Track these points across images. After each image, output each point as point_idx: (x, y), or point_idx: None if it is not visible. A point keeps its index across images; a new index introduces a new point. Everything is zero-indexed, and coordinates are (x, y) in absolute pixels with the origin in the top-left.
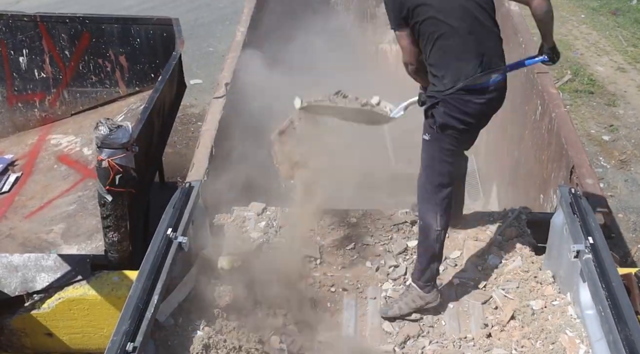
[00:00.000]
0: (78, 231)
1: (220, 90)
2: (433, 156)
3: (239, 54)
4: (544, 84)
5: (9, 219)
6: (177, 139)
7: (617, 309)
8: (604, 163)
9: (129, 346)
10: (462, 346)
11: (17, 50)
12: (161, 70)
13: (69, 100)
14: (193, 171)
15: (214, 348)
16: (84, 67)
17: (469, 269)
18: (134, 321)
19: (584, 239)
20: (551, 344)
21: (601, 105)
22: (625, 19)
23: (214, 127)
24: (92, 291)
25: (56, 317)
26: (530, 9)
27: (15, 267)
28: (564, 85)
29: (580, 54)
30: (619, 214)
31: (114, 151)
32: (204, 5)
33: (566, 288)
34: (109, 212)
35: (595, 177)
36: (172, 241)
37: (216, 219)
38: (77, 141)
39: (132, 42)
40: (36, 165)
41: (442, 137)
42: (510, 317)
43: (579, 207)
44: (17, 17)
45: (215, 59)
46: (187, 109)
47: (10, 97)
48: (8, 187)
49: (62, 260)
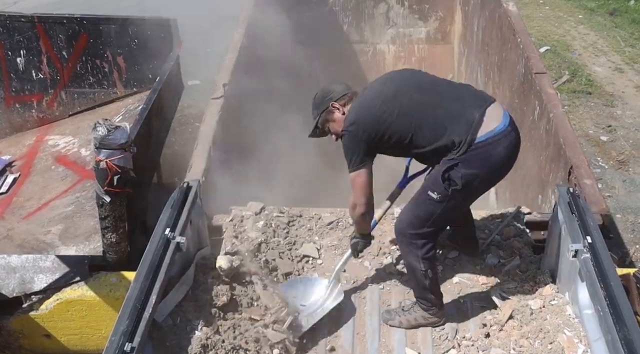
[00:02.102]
0: (76, 232)
1: (218, 91)
2: (433, 212)
3: (237, 55)
4: (542, 84)
5: (7, 220)
6: (175, 139)
7: (616, 309)
8: (602, 163)
9: (127, 346)
10: (460, 345)
11: (15, 51)
12: (159, 71)
13: (66, 101)
14: (191, 172)
15: (212, 348)
16: (82, 68)
17: (468, 268)
18: (132, 321)
19: (582, 238)
20: (549, 344)
21: (599, 105)
22: (623, 19)
23: (211, 127)
24: (90, 292)
25: (54, 318)
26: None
27: (13, 268)
28: (562, 86)
29: (578, 55)
30: (617, 214)
31: (112, 151)
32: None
33: (565, 288)
34: (107, 213)
35: (594, 178)
36: (170, 241)
37: (214, 219)
38: (74, 141)
39: (129, 43)
40: (34, 166)
41: (455, 199)
42: (508, 317)
43: (577, 207)
44: (15, 18)
45: (213, 60)
46: (185, 109)
47: (7, 98)
48: (6, 189)
49: (60, 261)
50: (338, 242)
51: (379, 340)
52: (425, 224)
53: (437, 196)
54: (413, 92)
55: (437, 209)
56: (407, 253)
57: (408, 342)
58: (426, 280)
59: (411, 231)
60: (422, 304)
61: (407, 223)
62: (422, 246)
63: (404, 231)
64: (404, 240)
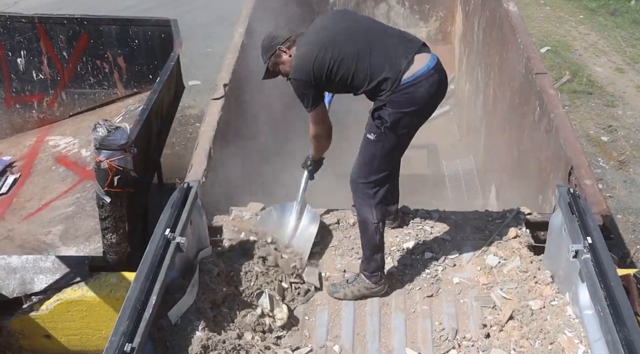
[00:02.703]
0: (76, 232)
1: (218, 91)
2: (374, 154)
3: (237, 55)
4: (542, 84)
5: (7, 220)
6: (175, 140)
7: (616, 309)
8: (603, 164)
9: (127, 346)
10: (461, 346)
11: (15, 52)
12: (159, 71)
13: (67, 101)
14: (191, 172)
15: (213, 349)
16: (82, 68)
17: (468, 269)
18: (132, 321)
19: (582, 239)
20: (550, 345)
21: (600, 106)
22: (624, 19)
23: (212, 128)
24: (90, 292)
25: (54, 319)
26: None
27: (13, 269)
28: (562, 86)
29: (578, 55)
30: (618, 215)
31: (112, 152)
32: (203, 6)
33: (565, 288)
34: (107, 214)
35: (594, 178)
36: (170, 241)
37: (214, 219)
38: (75, 142)
39: (130, 43)
40: (34, 166)
41: (389, 137)
42: (509, 317)
43: (578, 207)
44: (15, 18)
45: (213, 60)
46: (186, 110)
47: (8, 98)
48: (6, 189)
49: (60, 262)
50: (338, 243)
51: (379, 340)
52: (372, 169)
53: (373, 135)
54: (349, 41)
55: (377, 150)
56: (361, 205)
57: (408, 342)
58: (377, 235)
59: (362, 181)
60: (366, 272)
61: (357, 173)
62: (374, 194)
63: (356, 181)
64: (357, 190)
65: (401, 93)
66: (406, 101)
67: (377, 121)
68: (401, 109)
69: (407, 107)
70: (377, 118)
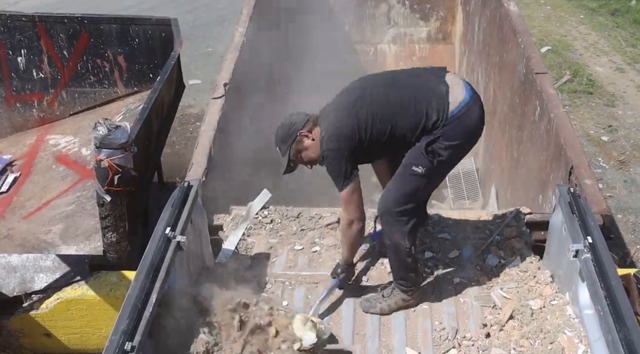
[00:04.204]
0: (76, 231)
1: (218, 90)
2: (418, 187)
3: (238, 54)
4: (542, 84)
5: (7, 219)
6: (175, 139)
7: (616, 309)
8: (603, 164)
9: (127, 345)
10: (461, 345)
11: (16, 51)
12: (160, 70)
13: (67, 100)
14: (192, 171)
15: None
16: (83, 67)
17: (468, 268)
18: (132, 320)
19: (582, 238)
20: (550, 344)
21: (600, 105)
22: (624, 19)
23: (212, 127)
24: (90, 291)
25: (54, 317)
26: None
27: (13, 267)
28: (562, 86)
29: (579, 55)
30: (618, 214)
31: (112, 151)
32: (203, 6)
33: (565, 288)
34: (107, 213)
35: (594, 178)
36: (170, 240)
37: (214, 218)
38: (75, 141)
39: (130, 42)
40: (34, 165)
41: (439, 170)
42: (509, 317)
43: (578, 207)
44: (16, 17)
45: (214, 59)
46: (186, 109)
47: (8, 97)
48: (6, 188)
49: (60, 260)
50: (338, 243)
51: (379, 340)
52: (410, 199)
53: (422, 169)
54: (375, 90)
55: (422, 183)
56: (393, 232)
57: (408, 342)
58: (409, 258)
59: (397, 209)
60: (402, 285)
61: (393, 201)
62: (408, 221)
63: (390, 209)
64: (390, 219)
65: (454, 124)
66: (459, 131)
67: (430, 155)
68: (456, 140)
69: (462, 138)
70: (430, 152)
